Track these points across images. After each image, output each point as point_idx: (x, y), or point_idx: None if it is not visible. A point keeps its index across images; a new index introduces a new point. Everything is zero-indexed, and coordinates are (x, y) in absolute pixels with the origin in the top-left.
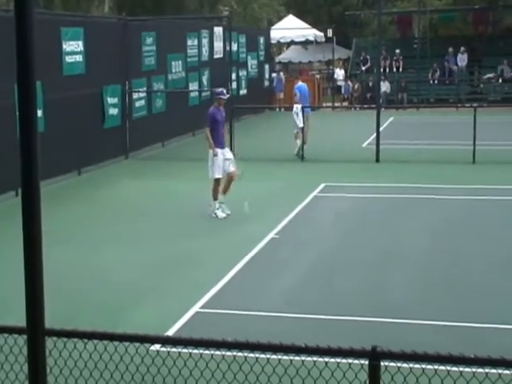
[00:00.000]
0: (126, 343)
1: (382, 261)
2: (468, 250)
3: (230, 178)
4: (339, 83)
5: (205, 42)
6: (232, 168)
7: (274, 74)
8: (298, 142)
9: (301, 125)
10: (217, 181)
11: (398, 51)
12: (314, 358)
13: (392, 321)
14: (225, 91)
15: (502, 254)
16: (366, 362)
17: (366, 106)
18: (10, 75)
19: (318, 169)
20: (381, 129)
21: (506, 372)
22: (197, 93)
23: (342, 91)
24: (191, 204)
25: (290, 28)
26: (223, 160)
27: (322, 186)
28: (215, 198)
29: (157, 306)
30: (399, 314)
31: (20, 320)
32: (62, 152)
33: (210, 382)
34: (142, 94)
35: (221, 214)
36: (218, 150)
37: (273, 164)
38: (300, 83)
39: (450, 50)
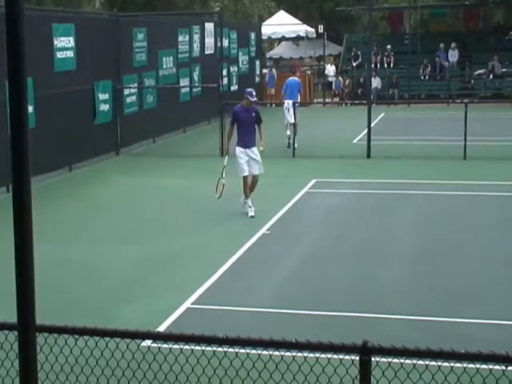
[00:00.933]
0: (117, 339)
1: (373, 256)
2: (459, 245)
3: (254, 180)
4: (330, 79)
5: (196, 37)
6: (257, 171)
7: (265, 70)
8: (288, 132)
9: (292, 120)
10: (243, 179)
11: (389, 47)
12: (305, 354)
13: (382, 316)
14: (254, 93)
15: (492, 248)
16: (357, 358)
17: (356, 101)
18: (1, 71)
19: (309, 165)
20: (372, 125)
21: (497, 367)
22: (188, 89)
23: (333, 87)
24: (182, 200)
25: (281, 24)
26: (248, 160)
27: (313, 181)
28: (245, 196)
29: (148, 302)
30: (390, 310)
31: (11, 316)
32: (53, 148)
33: (200, 378)
34: (133, 90)
35: (250, 213)
36: (241, 150)
37: (264, 160)
38: (290, 78)
39: (441, 45)
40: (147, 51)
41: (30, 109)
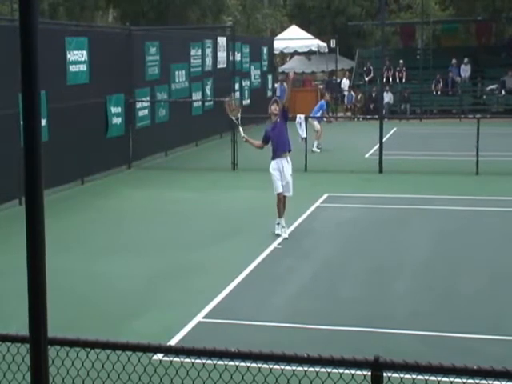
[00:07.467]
0: (129, 352)
1: (384, 271)
2: (470, 261)
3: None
4: (345, 93)
5: (208, 51)
6: (286, 192)
7: (276, 85)
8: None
9: (304, 135)
10: (277, 196)
11: (401, 62)
12: (317, 369)
13: (394, 331)
14: (276, 98)
15: (504, 265)
16: (369, 373)
17: (368, 116)
18: (14, 84)
19: (321, 179)
20: (384, 139)
21: None
22: (200, 102)
23: (345, 101)
24: (194, 214)
25: (294, 38)
26: (281, 177)
27: (325, 196)
28: (278, 215)
29: (159, 315)
30: (402, 325)
31: (23, 329)
32: (65, 161)
33: None
34: (145, 104)
35: (277, 231)
36: (274, 162)
37: None
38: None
39: (454, 61)
40: (159, 65)
41: (43, 122)
